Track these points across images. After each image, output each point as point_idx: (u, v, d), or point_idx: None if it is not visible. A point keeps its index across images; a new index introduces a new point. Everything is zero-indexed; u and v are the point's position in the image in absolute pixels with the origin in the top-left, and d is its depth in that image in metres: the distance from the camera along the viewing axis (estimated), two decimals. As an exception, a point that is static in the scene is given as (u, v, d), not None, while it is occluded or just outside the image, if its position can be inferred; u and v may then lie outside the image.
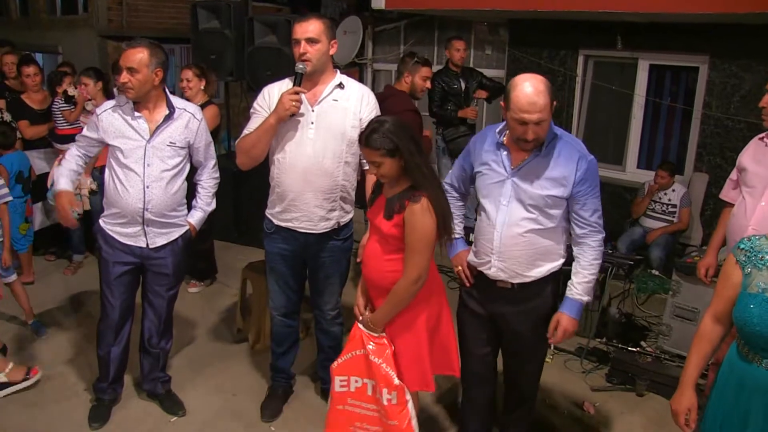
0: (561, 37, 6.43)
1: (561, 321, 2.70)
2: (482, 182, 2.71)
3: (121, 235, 3.19)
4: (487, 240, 2.68)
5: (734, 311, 2.04)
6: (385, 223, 2.59)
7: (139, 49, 3.01)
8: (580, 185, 2.57)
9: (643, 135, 6.39)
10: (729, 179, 3.34)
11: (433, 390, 2.82)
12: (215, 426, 3.41)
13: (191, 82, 4.80)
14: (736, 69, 5.56)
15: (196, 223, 3.39)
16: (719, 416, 2.12)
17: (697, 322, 3.96)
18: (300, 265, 3.30)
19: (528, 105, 2.41)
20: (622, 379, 3.89)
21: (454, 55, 6.02)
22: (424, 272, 2.57)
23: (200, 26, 5.64)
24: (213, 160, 3.43)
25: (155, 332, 3.42)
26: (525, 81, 2.44)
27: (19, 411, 3.46)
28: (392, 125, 2.53)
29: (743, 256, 2.06)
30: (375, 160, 2.53)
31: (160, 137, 3.12)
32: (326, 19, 3.03)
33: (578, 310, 2.72)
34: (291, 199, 3.09)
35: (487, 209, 2.69)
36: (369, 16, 7.73)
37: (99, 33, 10.03)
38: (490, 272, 2.71)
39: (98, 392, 3.47)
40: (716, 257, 3.43)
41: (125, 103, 3.11)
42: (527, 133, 2.45)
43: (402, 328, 2.69)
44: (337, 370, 2.78)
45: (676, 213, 5.61)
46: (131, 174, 3.10)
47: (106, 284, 3.28)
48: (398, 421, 2.68)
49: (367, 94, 3.13)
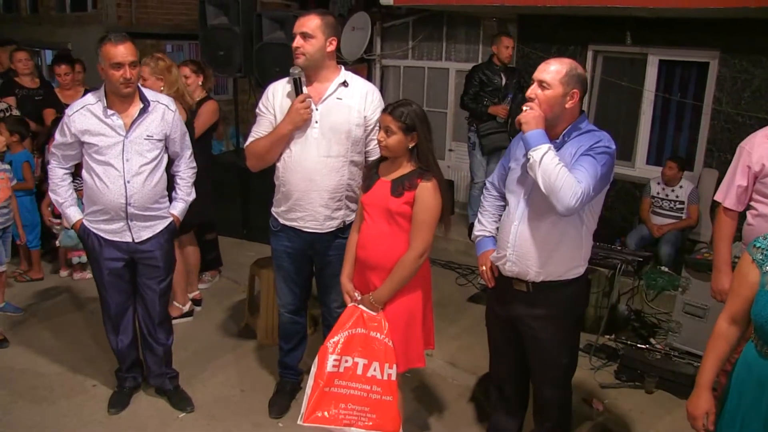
0: (570, 32, 6.40)
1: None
2: (509, 178, 2.74)
3: (106, 232, 3.20)
4: (506, 233, 2.68)
5: (753, 310, 2.00)
6: (394, 201, 2.68)
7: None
8: (582, 157, 2.45)
9: (652, 131, 6.35)
10: (737, 185, 2.99)
11: (424, 365, 2.92)
12: (223, 422, 3.42)
13: (189, 78, 4.79)
14: (747, 64, 5.51)
15: (179, 214, 3.41)
16: (738, 418, 2.07)
17: (707, 319, 3.94)
18: (306, 263, 3.30)
19: (542, 65, 2.51)
20: (631, 376, 3.87)
21: (502, 52, 5.98)
22: (429, 249, 2.72)
23: (209, 22, 5.64)
24: (189, 150, 3.44)
25: (151, 327, 3.43)
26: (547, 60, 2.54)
27: (28, 407, 3.48)
28: (419, 110, 2.71)
29: (760, 255, 2.01)
30: (390, 126, 2.66)
31: (137, 131, 3.11)
32: (327, 16, 3.01)
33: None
34: (296, 199, 3.08)
35: (510, 203, 2.70)
36: (377, 12, 7.70)
37: (108, 29, 10.02)
38: (505, 267, 2.69)
39: (119, 379, 3.55)
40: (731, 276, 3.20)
41: (96, 102, 3.09)
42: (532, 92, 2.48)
43: (402, 306, 2.76)
44: (332, 349, 2.78)
45: (684, 209, 5.58)
46: (110, 170, 3.08)
47: (100, 282, 3.32)
48: (393, 397, 2.74)
49: (371, 91, 3.11)
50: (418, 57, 7.86)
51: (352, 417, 2.75)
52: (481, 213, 2.99)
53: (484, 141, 6.03)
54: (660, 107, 6.28)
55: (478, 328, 4.52)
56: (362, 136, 3.07)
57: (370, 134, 3.08)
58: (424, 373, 3.91)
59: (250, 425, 3.40)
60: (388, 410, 2.74)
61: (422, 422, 3.47)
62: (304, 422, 2.78)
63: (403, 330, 2.76)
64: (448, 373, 3.97)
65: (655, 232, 5.56)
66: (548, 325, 2.69)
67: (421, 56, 7.84)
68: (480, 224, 2.97)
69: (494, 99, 5.97)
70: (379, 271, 2.75)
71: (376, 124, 3.03)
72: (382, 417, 2.74)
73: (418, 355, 2.83)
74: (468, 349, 4.26)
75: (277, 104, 3.08)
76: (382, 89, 8.12)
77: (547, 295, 2.65)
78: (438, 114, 7.65)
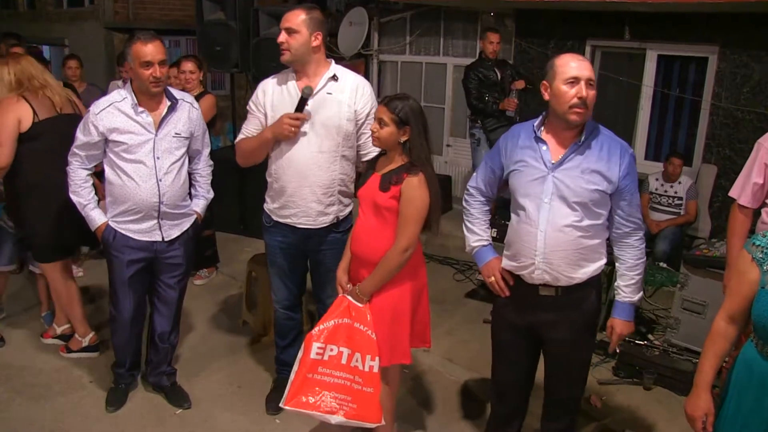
0: (568, 27, 6.38)
1: (616, 327, 2.62)
2: (519, 180, 2.54)
3: (136, 232, 3.17)
4: (528, 242, 2.51)
5: (753, 310, 1.97)
6: (381, 195, 2.67)
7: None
8: (626, 179, 2.45)
9: (651, 126, 6.34)
10: (753, 182, 2.95)
11: (410, 362, 2.89)
12: (220, 419, 3.41)
13: (193, 73, 4.80)
14: (747, 59, 5.49)
15: (201, 212, 3.42)
16: (739, 420, 2.04)
17: (705, 316, 3.93)
18: (300, 258, 3.30)
19: (577, 61, 2.38)
20: (630, 372, 3.87)
21: (487, 47, 5.99)
22: (414, 244, 2.68)
23: (205, 18, 5.63)
24: (208, 148, 3.46)
25: (167, 326, 3.43)
26: (567, 54, 2.44)
27: (25, 404, 3.47)
28: (415, 105, 2.68)
29: (760, 253, 1.98)
30: (383, 118, 2.65)
31: (165, 129, 3.12)
32: (312, 11, 2.99)
33: (630, 311, 2.62)
34: (289, 195, 3.08)
35: (527, 208, 2.51)
36: (375, 7, 7.70)
37: (105, 25, 10.04)
38: (533, 276, 2.53)
39: (117, 376, 3.52)
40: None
41: (122, 99, 3.06)
42: (581, 90, 2.33)
43: (388, 300, 2.74)
44: (317, 337, 2.78)
45: (682, 206, 5.57)
46: (141, 167, 3.07)
47: (120, 285, 3.25)
48: (374, 389, 2.75)
49: (362, 85, 3.10)
50: (416, 52, 7.86)
51: (334, 405, 2.75)
52: (471, 222, 2.83)
53: (492, 135, 6.01)
54: (659, 103, 6.27)
55: (475, 324, 4.53)
56: (353, 130, 3.06)
57: (361, 128, 3.07)
58: (421, 368, 3.91)
59: (247, 422, 3.39)
60: (369, 401, 2.74)
61: (418, 417, 3.47)
62: (285, 405, 2.78)
63: (389, 324, 2.75)
64: (444, 368, 3.96)
65: (653, 228, 5.55)
66: (576, 325, 2.60)
67: (419, 51, 7.84)
68: (474, 234, 2.81)
69: (494, 94, 5.97)
70: (368, 264, 2.75)
71: (367, 117, 3.04)
72: (363, 407, 2.75)
73: (403, 351, 2.80)
74: (464, 345, 4.26)
75: (268, 101, 3.08)
76: (379, 84, 8.11)
77: (575, 295, 2.56)
78: (436, 109, 7.65)
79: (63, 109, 3.54)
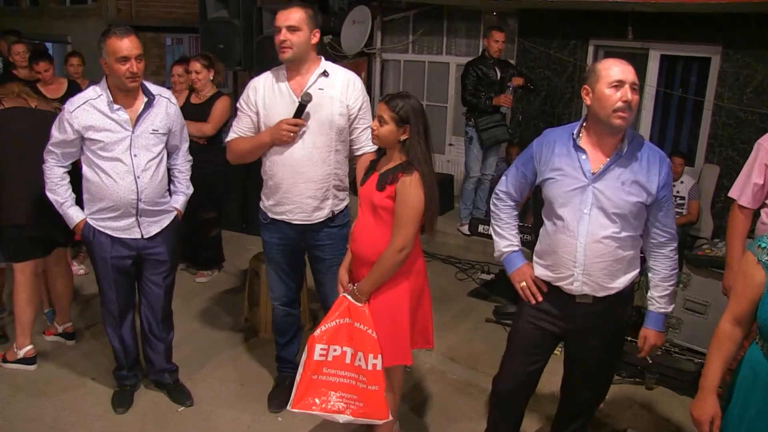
0: (571, 27, 6.37)
1: (649, 337, 2.61)
2: (557, 189, 2.49)
3: (114, 230, 3.15)
4: (568, 252, 2.47)
5: (759, 313, 1.95)
6: (377, 194, 2.66)
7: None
8: (664, 190, 2.44)
9: (653, 126, 6.34)
10: (753, 183, 2.96)
11: (411, 363, 2.87)
12: (222, 416, 3.42)
13: (200, 74, 4.79)
14: (750, 59, 5.49)
15: (181, 208, 3.40)
16: (745, 422, 2.02)
17: (708, 316, 3.93)
18: (298, 254, 3.30)
19: (621, 65, 2.32)
20: (632, 372, 3.86)
21: (492, 46, 5.95)
22: (409, 244, 2.64)
23: (209, 15, 5.62)
24: (186, 143, 3.44)
25: (154, 322, 3.42)
26: (609, 58, 2.40)
27: (26, 401, 3.47)
28: (416, 104, 2.67)
29: (766, 256, 1.96)
30: (383, 116, 2.64)
31: (143, 126, 3.08)
32: (309, 8, 3.00)
33: (663, 322, 2.63)
34: (284, 191, 3.08)
35: (566, 218, 2.46)
36: (378, 5, 7.68)
37: (108, 22, 10.00)
38: (573, 287, 2.50)
39: (119, 379, 3.50)
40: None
41: (98, 96, 3.03)
42: (626, 94, 2.28)
43: (387, 301, 2.73)
44: (319, 338, 2.78)
45: (684, 205, 5.57)
46: (118, 165, 3.04)
47: (105, 282, 3.26)
48: (379, 386, 2.74)
49: (353, 80, 3.10)
50: (419, 51, 7.85)
51: (341, 404, 2.75)
52: (500, 226, 2.77)
53: (484, 135, 6.00)
54: (661, 102, 6.27)
55: (477, 323, 4.53)
56: (346, 125, 3.06)
57: (353, 123, 3.08)
58: (423, 367, 3.91)
59: (250, 419, 3.39)
60: (375, 399, 2.74)
61: (419, 416, 3.47)
62: (292, 408, 2.78)
63: (389, 325, 2.73)
64: (446, 367, 3.96)
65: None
66: (609, 332, 2.61)
67: (422, 50, 7.83)
68: (503, 239, 2.76)
69: (491, 93, 5.95)
70: (368, 264, 2.74)
71: (359, 112, 3.06)
72: (370, 405, 2.74)
73: (404, 352, 2.77)
74: (467, 344, 4.26)
75: (259, 99, 3.08)
76: (382, 83, 8.11)
77: (611, 303, 2.54)
78: (438, 108, 7.64)
79: (38, 107, 3.58)
